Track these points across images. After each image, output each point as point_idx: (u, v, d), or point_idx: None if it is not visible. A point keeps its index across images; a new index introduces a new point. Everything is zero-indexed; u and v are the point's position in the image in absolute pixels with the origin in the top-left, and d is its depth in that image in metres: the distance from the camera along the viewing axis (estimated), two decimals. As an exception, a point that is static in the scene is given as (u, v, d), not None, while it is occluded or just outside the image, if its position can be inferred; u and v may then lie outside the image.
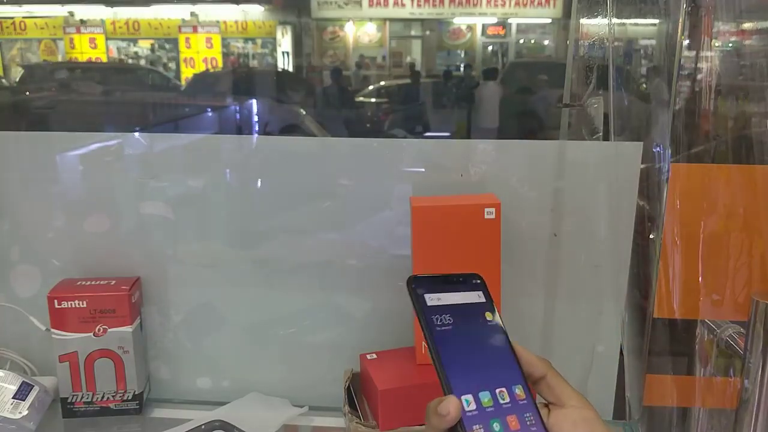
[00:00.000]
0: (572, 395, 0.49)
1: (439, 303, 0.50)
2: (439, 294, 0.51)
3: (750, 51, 0.77)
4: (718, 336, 0.77)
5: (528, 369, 0.49)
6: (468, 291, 0.52)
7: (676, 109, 0.78)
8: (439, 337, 0.48)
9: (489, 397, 0.47)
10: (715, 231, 0.78)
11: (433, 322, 0.49)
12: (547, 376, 0.50)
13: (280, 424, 0.84)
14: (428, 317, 0.49)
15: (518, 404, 0.47)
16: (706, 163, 0.78)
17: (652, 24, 0.87)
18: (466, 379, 0.47)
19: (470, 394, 0.46)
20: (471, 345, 0.49)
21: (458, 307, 0.51)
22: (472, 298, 0.52)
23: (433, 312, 0.50)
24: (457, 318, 0.50)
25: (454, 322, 0.49)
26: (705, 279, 0.79)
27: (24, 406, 0.80)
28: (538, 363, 0.50)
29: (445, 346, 0.48)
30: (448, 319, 0.50)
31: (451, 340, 0.49)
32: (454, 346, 0.48)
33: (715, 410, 0.83)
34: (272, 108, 3.41)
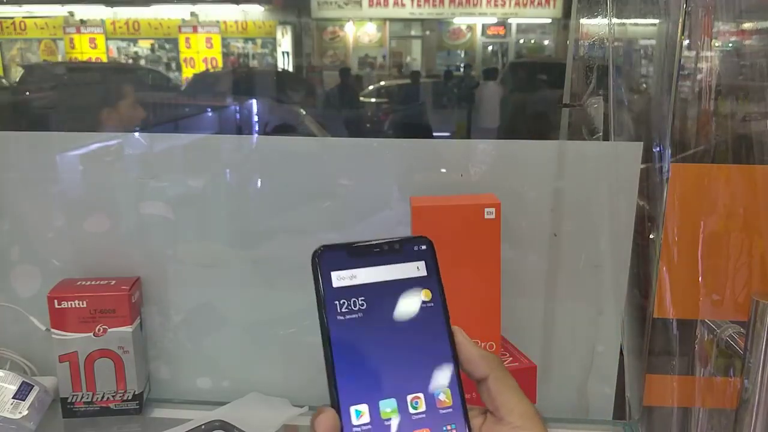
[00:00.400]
0: (513, 408, 0.39)
1: (351, 283, 0.40)
2: (354, 270, 0.40)
3: (750, 51, 0.77)
4: (718, 336, 0.77)
5: (467, 367, 0.40)
6: (403, 262, 0.41)
7: (676, 109, 0.78)
8: (335, 330, 0.39)
9: (393, 407, 0.38)
10: (715, 231, 0.78)
11: (333, 310, 0.39)
12: (489, 379, 0.40)
13: (280, 424, 0.84)
14: (328, 303, 0.40)
15: (438, 414, 0.39)
16: (706, 163, 0.78)
17: (652, 24, 0.87)
18: (363, 385, 0.38)
19: (365, 404, 0.38)
20: (385, 338, 0.39)
21: (381, 286, 0.40)
22: (407, 271, 0.41)
23: (339, 295, 0.40)
24: (374, 302, 0.40)
25: (367, 308, 0.39)
26: (705, 279, 0.79)
27: (24, 406, 0.80)
28: (479, 361, 0.40)
29: (341, 343, 0.39)
30: (360, 304, 0.40)
31: (354, 333, 0.39)
32: (356, 341, 0.39)
33: (715, 410, 0.83)
34: (271, 108, 3.41)
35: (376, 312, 0.39)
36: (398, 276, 0.41)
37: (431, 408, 0.39)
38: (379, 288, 0.40)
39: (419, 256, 0.42)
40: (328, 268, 0.41)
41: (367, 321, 0.39)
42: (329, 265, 0.41)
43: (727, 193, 0.77)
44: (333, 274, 0.40)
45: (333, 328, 0.39)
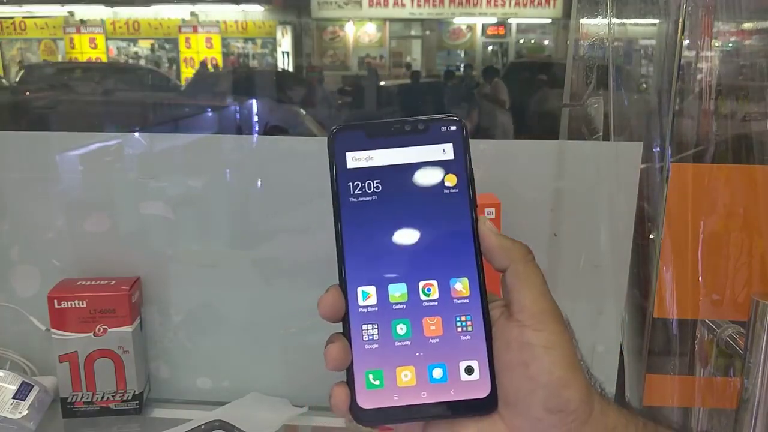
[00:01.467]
0: (525, 307, 0.36)
1: (366, 164, 0.38)
2: (371, 152, 0.38)
3: (750, 51, 0.77)
4: (718, 336, 0.77)
5: (488, 256, 0.38)
6: (428, 144, 0.38)
7: (676, 109, 0.78)
8: (347, 211, 0.37)
9: (403, 291, 0.37)
10: (715, 231, 0.78)
11: (345, 192, 0.38)
12: (508, 271, 0.37)
13: (280, 424, 0.84)
14: (341, 185, 0.38)
15: (451, 303, 0.37)
16: (706, 163, 0.78)
17: (652, 24, 0.87)
18: (372, 267, 0.37)
19: (372, 286, 0.37)
20: (400, 221, 0.37)
21: (399, 168, 0.37)
22: (431, 154, 0.38)
23: (352, 177, 0.38)
24: (390, 184, 0.37)
25: (383, 190, 0.37)
26: (705, 279, 0.79)
27: (24, 406, 0.80)
28: (498, 251, 0.37)
29: (353, 224, 0.37)
30: (375, 186, 0.37)
31: (366, 215, 0.37)
32: (368, 223, 0.37)
33: (715, 410, 0.83)
34: (271, 108, 3.41)
35: (392, 196, 0.37)
36: (420, 158, 0.38)
37: (444, 296, 0.37)
38: (398, 170, 0.38)
39: (446, 137, 0.38)
40: (343, 148, 0.38)
41: (381, 204, 0.37)
42: (344, 145, 0.38)
43: (727, 193, 0.77)
44: (348, 154, 0.38)
45: (345, 210, 0.38)
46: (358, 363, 0.36)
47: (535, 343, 0.35)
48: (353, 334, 0.36)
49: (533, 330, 0.35)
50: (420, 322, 0.36)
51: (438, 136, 0.38)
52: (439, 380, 0.36)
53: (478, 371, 0.36)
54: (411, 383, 0.36)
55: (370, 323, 0.36)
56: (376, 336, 0.36)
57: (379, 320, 0.36)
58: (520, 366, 0.34)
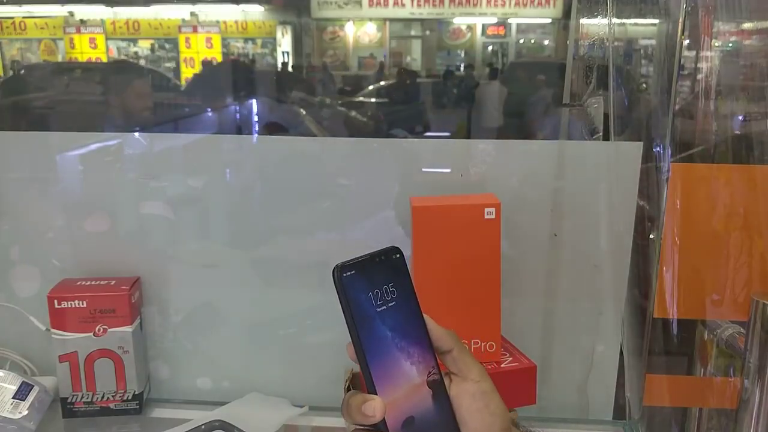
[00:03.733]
0: (473, 369, 0.49)
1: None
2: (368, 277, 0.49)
3: (750, 51, 0.77)
4: (718, 336, 0.77)
5: (437, 343, 0.49)
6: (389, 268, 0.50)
7: (676, 109, 0.78)
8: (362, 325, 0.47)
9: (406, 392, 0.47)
10: (715, 231, 0.78)
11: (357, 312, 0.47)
12: (454, 351, 0.50)
13: (280, 424, 0.84)
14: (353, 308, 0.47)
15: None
16: (706, 163, 0.78)
17: (652, 24, 0.87)
18: (390, 375, 0.47)
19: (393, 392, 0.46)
20: (392, 330, 0.48)
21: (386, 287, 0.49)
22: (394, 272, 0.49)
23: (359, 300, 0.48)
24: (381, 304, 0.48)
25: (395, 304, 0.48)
26: (705, 279, 0.79)
27: (24, 406, 0.80)
28: (446, 337, 0.50)
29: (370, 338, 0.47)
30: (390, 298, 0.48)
31: (374, 328, 0.47)
32: (377, 335, 0.47)
33: (715, 410, 0.83)
34: (271, 107, 3.40)
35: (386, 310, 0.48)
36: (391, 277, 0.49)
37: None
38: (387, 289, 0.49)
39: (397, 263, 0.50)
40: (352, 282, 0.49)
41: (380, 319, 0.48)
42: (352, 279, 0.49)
43: (727, 193, 0.77)
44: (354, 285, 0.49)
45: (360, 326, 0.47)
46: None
47: (487, 390, 0.49)
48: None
49: (484, 382, 0.49)
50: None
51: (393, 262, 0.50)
52: None
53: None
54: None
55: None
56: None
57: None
58: (485, 408, 0.48)
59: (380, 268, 0.49)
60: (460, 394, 0.49)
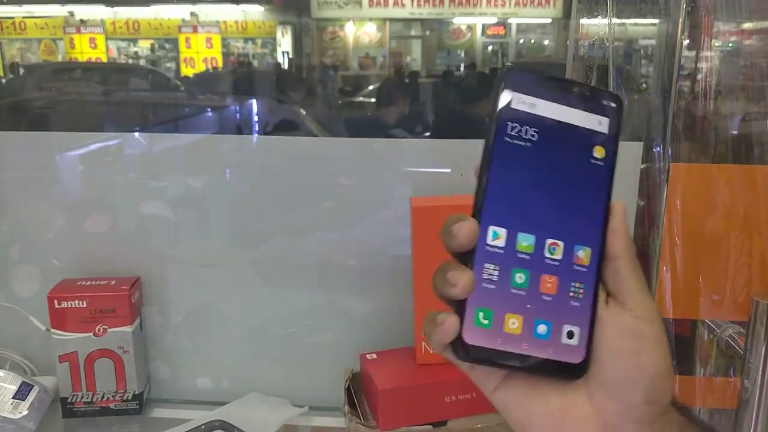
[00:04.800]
0: (638, 298, 0.37)
1: (529, 110, 0.37)
2: (536, 99, 0.37)
3: (750, 51, 0.77)
4: (718, 336, 0.77)
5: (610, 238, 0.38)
6: (589, 112, 0.38)
7: (676, 109, 0.78)
8: (501, 148, 0.37)
9: (531, 243, 0.37)
10: (715, 231, 0.78)
11: (503, 129, 0.37)
12: (620, 260, 0.37)
13: (280, 424, 0.84)
14: (501, 121, 0.37)
15: (571, 268, 0.37)
16: (706, 163, 0.78)
17: (652, 24, 0.87)
18: (509, 211, 0.37)
19: (504, 228, 0.37)
20: (545, 177, 0.37)
21: (558, 126, 0.38)
22: (588, 122, 0.38)
23: (512, 117, 0.37)
24: (546, 138, 0.37)
25: (537, 141, 0.37)
26: (705, 279, 0.79)
27: (24, 406, 0.80)
28: (622, 237, 0.38)
29: (504, 163, 0.37)
30: (531, 133, 0.37)
31: (515, 159, 0.37)
32: (517, 168, 0.37)
33: (715, 410, 0.83)
34: (271, 107, 3.40)
35: (544, 148, 0.37)
36: (579, 122, 0.38)
37: (566, 260, 0.37)
38: (556, 126, 0.38)
39: (606, 111, 0.38)
40: (513, 86, 0.37)
41: (532, 153, 0.37)
42: (515, 85, 0.37)
43: (727, 193, 0.77)
44: (515, 94, 0.37)
45: (497, 147, 0.37)
46: (473, 298, 0.36)
47: (648, 336, 0.36)
48: (476, 268, 0.36)
49: (646, 323, 0.36)
50: (538, 277, 0.37)
51: (599, 108, 0.38)
52: (541, 336, 0.37)
53: (578, 337, 0.37)
54: (516, 331, 0.36)
55: (493, 264, 0.36)
56: (495, 277, 0.36)
57: (502, 263, 0.36)
58: (631, 355, 0.36)
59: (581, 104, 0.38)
60: (609, 321, 0.37)
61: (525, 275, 0.37)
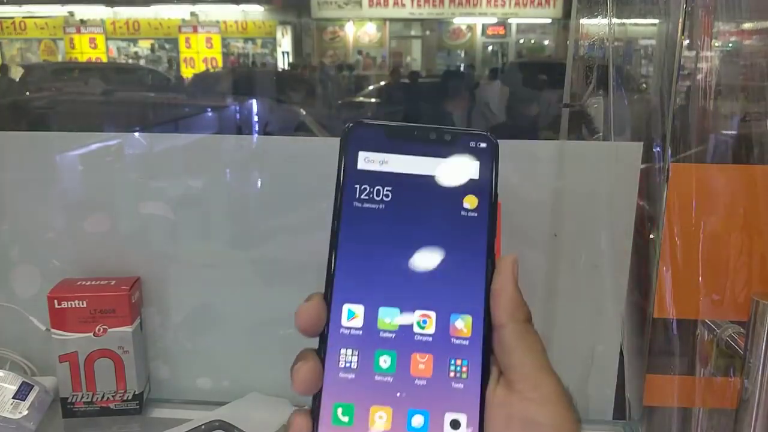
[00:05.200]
0: (528, 375, 0.31)
1: (379, 169, 0.33)
2: (387, 155, 0.33)
3: (750, 51, 0.77)
4: (718, 336, 0.77)
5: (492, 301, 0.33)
6: (453, 158, 0.34)
7: (676, 109, 0.78)
8: (350, 215, 0.33)
9: (395, 318, 0.32)
10: (715, 231, 0.78)
11: (350, 194, 0.33)
12: (505, 329, 0.32)
13: (280, 424, 0.84)
14: (347, 185, 0.33)
15: (448, 343, 0.32)
16: (706, 163, 0.78)
17: (652, 24, 0.87)
18: (366, 284, 0.33)
19: (361, 305, 0.32)
20: (406, 240, 0.33)
21: (416, 181, 0.33)
22: (453, 170, 0.34)
23: (360, 179, 0.33)
24: (402, 195, 0.33)
25: (392, 200, 0.33)
26: (705, 279, 0.79)
27: (24, 406, 0.80)
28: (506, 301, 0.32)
29: (356, 231, 0.33)
30: (385, 194, 0.33)
31: (371, 224, 0.33)
32: (371, 234, 0.33)
33: (715, 410, 0.83)
34: (271, 108, 3.41)
35: (402, 208, 0.33)
36: (440, 173, 0.33)
37: (441, 333, 0.32)
38: (413, 181, 0.33)
39: (474, 154, 0.34)
40: (357, 145, 0.34)
41: (388, 215, 0.33)
42: (359, 142, 0.34)
43: (727, 193, 0.77)
44: (361, 153, 0.33)
45: (346, 214, 0.33)
46: (329, 392, 0.32)
47: (542, 422, 0.30)
48: (329, 356, 0.32)
49: (539, 405, 0.31)
50: (408, 358, 0.32)
51: (465, 152, 0.34)
52: (418, 430, 0.31)
53: (464, 427, 0.31)
54: (385, 427, 0.31)
55: (351, 348, 0.32)
56: (354, 364, 0.32)
57: (362, 346, 0.32)
58: None
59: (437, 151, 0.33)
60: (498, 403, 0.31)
61: (391, 357, 0.31)
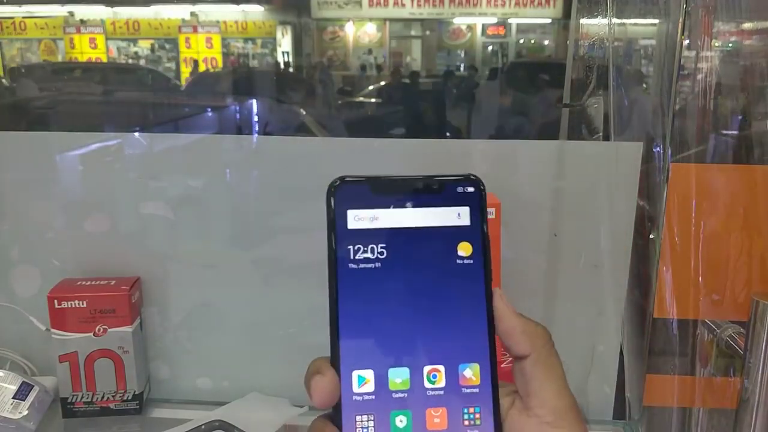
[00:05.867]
0: (547, 401, 0.33)
1: (370, 226, 0.33)
2: (376, 210, 0.33)
3: (750, 51, 0.77)
4: (718, 336, 0.77)
5: (506, 341, 0.34)
6: (442, 206, 0.33)
7: (676, 109, 0.78)
8: (345, 279, 0.33)
9: (405, 378, 0.32)
10: (715, 231, 0.78)
11: (345, 256, 0.33)
12: (527, 359, 0.34)
13: (280, 424, 0.84)
14: (340, 248, 0.33)
15: (460, 393, 0.33)
16: (706, 163, 0.78)
17: (652, 24, 0.87)
18: (371, 347, 0.33)
19: (370, 370, 0.32)
20: (406, 296, 0.33)
21: (408, 232, 0.33)
22: (444, 218, 0.33)
23: (354, 239, 0.33)
24: (397, 251, 0.33)
25: (388, 257, 0.33)
26: (705, 279, 0.79)
27: (24, 406, 0.80)
28: (519, 336, 0.34)
29: (351, 295, 0.33)
30: (379, 251, 0.33)
31: (367, 285, 0.33)
32: (369, 295, 0.33)
33: (715, 410, 0.83)
34: (271, 108, 3.41)
35: (398, 263, 0.33)
36: (432, 222, 0.33)
37: (452, 384, 0.32)
38: (406, 235, 0.33)
39: (463, 200, 0.34)
40: (344, 205, 0.33)
41: (385, 273, 0.33)
42: (346, 201, 0.33)
43: (727, 193, 0.77)
44: (349, 212, 0.33)
45: (342, 278, 0.33)
46: None
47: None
48: (345, 425, 0.32)
49: (554, 428, 0.32)
50: (423, 414, 0.32)
51: (453, 198, 0.34)
52: None
53: None
54: None
55: (366, 413, 0.32)
56: (371, 429, 0.32)
57: (376, 410, 0.32)
58: None
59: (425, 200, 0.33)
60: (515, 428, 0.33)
61: (407, 417, 0.32)
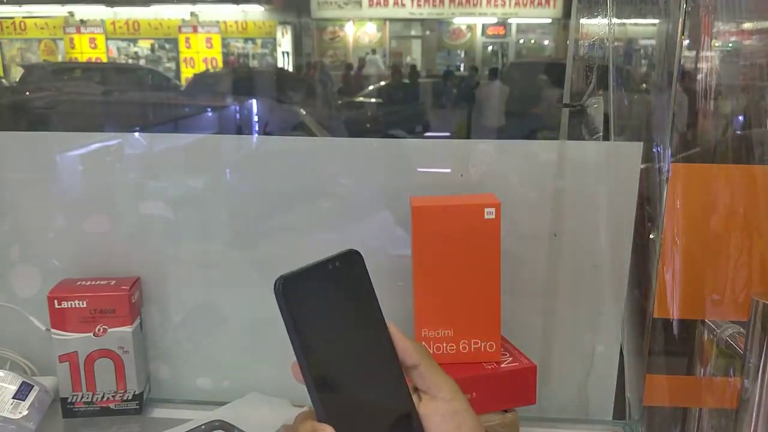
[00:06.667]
0: (443, 386, 0.47)
1: (316, 305, 0.47)
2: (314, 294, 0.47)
3: (750, 51, 0.77)
4: (718, 336, 0.77)
5: (402, 357, 0.47)
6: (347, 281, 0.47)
7: (676, 109, 0.78)
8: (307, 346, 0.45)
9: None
10: (715, 231, 0.78)
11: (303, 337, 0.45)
12: (421, 365, 0.47)
13: (280, 424, 0.84)
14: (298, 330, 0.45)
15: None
16: (706, 163, 0.78)
17: (652, 24, 0.87)
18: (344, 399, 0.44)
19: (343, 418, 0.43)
20: (347, 346, 0.45)
21: (335, 301, 0.46)
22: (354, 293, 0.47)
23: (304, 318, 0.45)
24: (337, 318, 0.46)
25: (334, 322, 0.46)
26: (705, 279, 0.79)
27: (24, 406, 0.80)
28: (411, 350, 0.47)
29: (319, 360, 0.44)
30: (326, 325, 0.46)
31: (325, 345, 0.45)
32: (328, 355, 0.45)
33: (715, 410, 0.83)
34: (271, 108, 3.41)
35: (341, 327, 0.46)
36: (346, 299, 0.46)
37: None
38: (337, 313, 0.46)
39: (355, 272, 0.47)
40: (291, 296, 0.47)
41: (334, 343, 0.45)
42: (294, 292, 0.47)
43: (727, 193, 0.77)
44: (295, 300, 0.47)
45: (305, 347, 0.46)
46: None
47: (459, 409, 0.47)
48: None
49: (456, 401, 0.47)
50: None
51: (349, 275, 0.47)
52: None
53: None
54: None
55: None
56: None
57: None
58: (455, 429, 0.46)
59: (334, 276, 0.46)
60: (430, 413, 0.46)
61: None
